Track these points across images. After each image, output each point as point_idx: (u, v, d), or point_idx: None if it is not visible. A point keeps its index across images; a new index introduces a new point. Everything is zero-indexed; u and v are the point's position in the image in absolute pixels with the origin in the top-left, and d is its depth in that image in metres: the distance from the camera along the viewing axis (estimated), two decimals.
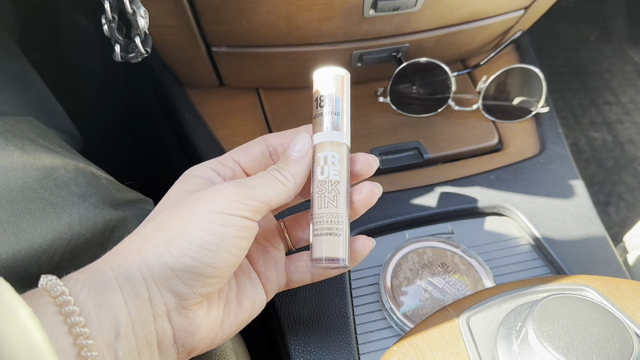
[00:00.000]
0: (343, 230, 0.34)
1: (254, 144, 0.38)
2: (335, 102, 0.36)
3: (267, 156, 0.37)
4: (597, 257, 0.51)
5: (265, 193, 0.32)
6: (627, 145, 1.13)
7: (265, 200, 0.32)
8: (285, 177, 0.34)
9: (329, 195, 0.34)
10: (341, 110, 0.36)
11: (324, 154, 0.35)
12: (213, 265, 0.30)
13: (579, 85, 1.22)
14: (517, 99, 0.61)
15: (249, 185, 0.32)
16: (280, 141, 0.37)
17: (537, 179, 0.57)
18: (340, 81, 0.36)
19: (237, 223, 0.30)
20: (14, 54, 0.57)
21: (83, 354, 0.25)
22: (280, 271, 0.38)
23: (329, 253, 0.34)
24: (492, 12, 0.56)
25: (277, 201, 0.33)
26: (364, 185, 0.36)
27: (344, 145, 0.35)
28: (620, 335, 0.27)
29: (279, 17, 0.49)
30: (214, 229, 0.29)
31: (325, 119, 0.36)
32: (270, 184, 0.33)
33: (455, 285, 0.47)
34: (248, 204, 0.31)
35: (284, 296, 0.46)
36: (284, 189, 0.33)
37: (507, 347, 0.31)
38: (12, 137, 0.39)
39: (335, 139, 0.35)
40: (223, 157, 0.37)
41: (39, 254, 0.34)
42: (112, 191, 0.42)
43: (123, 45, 0.39)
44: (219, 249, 0.29)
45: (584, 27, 1.30)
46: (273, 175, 0.34)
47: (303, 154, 0.35)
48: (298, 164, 0.35)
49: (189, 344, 0.31)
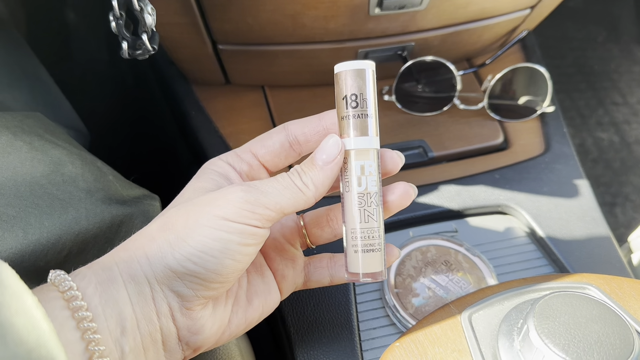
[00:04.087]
0: (382, 244, 0.33)
1: (272, 135, 0.34)
2: (367, 103, 0.32)
3: (287, 147, 0.34)
4: (601, 256, 0.51)
5: (279, 201, 0.30)
6: (634, 146, 1.12)
7: (278, 209, 0.30)
8: (306, 184, 0.31)
9: (369, 209, 0.32)
10: (374, 112, 0.32)
11: (360, 162, 0.32)
12: (216, 271, 0.29)
13: (586, 86, 1.22)
14: (523, 98, 0.61)
15: (262, 190, 0.30)
16: (302, 130, 0.34)
17: (541, 178, 0.57)
18: (371, 77, 0.32)
19: (243, 231, 0.29)
20: (23, 51, 0.57)
21: (90, 348, 0.26)
22: (298, 270, 0.37)
23: (371, 269, 0.32)
24: (498, 11, 0.56)
25: (292, 210, 0.31)
26: (398, 185, 0.34)
27: (377, 150, 0.32)
28: (621, 332, 0.28)
29: (285, 15, 0.49)
30: (218, 235, 0.28)
31: (359, 122, 0.32)
32: (286, 191, 0.30)
33: (459, 283, 0.47)
34: (258, 212, 0.29)
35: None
36: (302, 198, 0.31)
37: (509, 343, 0.31)
38: (21, 132, 0.39)
39: (371, 145, 0.32)
40: (241, 149, 0.35)
41: (47, 248, 0.34)
42: (119, 187, 0.43)
43: (130, 42, 0.39)
44: (222, 256, 0.28)
45: (592, 27, 1.29)
46: (292, 181, 0.31)
47: (331, 159, 0.31)
48: (323, 171, 0.31)
49: (193, 343, 0.31)
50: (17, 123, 0.40)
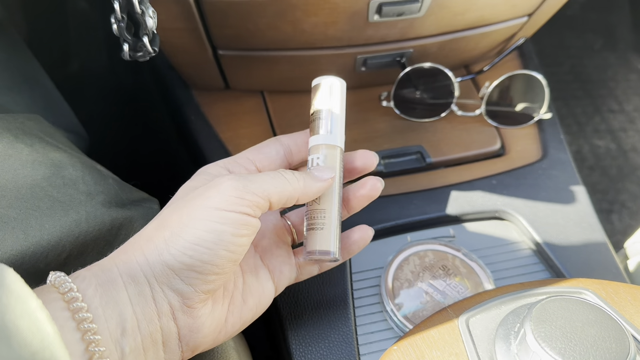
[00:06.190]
0: (331, 225, 0.36)
1: (268, 144, 0.38)
2: (321, 110, 0.38)
3: (282, 156, 0.38)
4: (597, 262, 0.51)
5: (266, 188, 0.31)
6: (630, 154, 1.13)
7: (265, 195, 0.31)
8: (294, 176, 0.33)
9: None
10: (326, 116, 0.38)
11: (311, 156, 0.37)
12: (212, 262, 0.29)
13: (583, 93, 1.23)
14: (520, 104, 0.62)
15: (249, 179, 0.31)
16: (294, 141, 0.38)
17: (538, 184, 0.57)
18: (323, 88, 0.39)
19: (236, 220, 0.30)
20: (23, 53, 0.57)
21: (91, 349, 0.26)
22: (292, 264, 0.39)
23: (321, 246, 0.36)
24: (495, 19, 0.57)
25: (278, 197, 0.32)
26: (367, 179, 0.38)
27: (334, 147, 0.37)
28: (617, 336, 0.28)
29: (285, 21, 0.50)
30: (212, 226, 0.29)
31: (313, 125, 0.38)
32: (274, 180, 0.32)
33: (456, 288, 0.47)
34: (247, 198, 0.30)
35: (286, 296, 0.46)
36: (287, 186, 0.33)
37: (506, 347, 0.31)
38: (22, 134, 0.40)
39: (324, 141, 0.37)
40: (238, 155, 0.37)
41: (47, 250, 0.35)
42: (119, 190, 0.43)
43: (131, 44, 0.40)
44: (217, 247, 0.29)
45: (589, 35, 1.30)
46: (281, 173, 0.33)
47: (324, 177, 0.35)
48: (313, 179, 0.35)
49: (193, 342, 0.31)
50: (18, 125, 0.41)
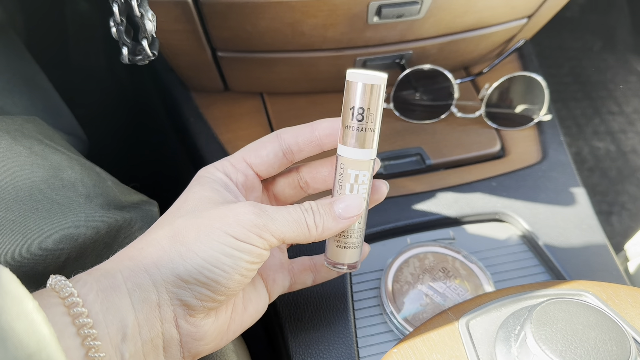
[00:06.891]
0: (361, 242, 0.37)
1: (266, 144, 0.36)
2: (373, 118, 0.33)
3: (281, 156, 0.36)
4: (597, 264, 0.51)
5: (284, 231, 0.32)
6: (630, 155, 1.13)
7: (280, 238, 0.32)
8: (316, 225, 0.33)
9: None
10: (377, 126, 0.34)
11: (355, 171, 0.34)
12: (225, 285, 0.30)
13: (582, 95, 1.23)
14: (520, 106, 0.62)
15: (272, 217, 0.31)
16: (295, 139, 0.36)
17: (538, 186, 0.57)
18: (382, 93, 0.33)
19: (252, 251, 0.30)
20: (22, 56, 0.57)
21: (90, 354, 0.26)
22: (285, 274, 0.39)
23: (349, 260, 0.37)
24: (495, 21, 0.57)
25: (292, 240, 0.33)
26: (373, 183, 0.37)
27: (373, 161, 0.35)
28: (618, 339, 0.28)
29: (284, 23, 0.50)
30: (230, 252, 0.30)
31: (361, 135, 0.33)
32: (294, 225, 0.32)
33: (456, 290, 0.47)
34: (265, 237, 0.31)
35: (285, 300, 0.46)
36: (305, 235, 0.33)
37: (506, 350, 0.31)
38: (20, 136, 0.39)
39: (369, 157, 0.34)
40: (234, 158, 0.36)
41: (46, 253, 0.34)
42: (117, 193, 0.43)
43: (131, 47, 0.40)
44: (233, 271, 0.30)
45: (588, 37, 1.30)
46: (304, 217, 0.33)
47: (349, 216, 0.34)
48: (336, 222, 0.34)
49: (195, 349, 0.32)
50: (17, 127, 0.41)
